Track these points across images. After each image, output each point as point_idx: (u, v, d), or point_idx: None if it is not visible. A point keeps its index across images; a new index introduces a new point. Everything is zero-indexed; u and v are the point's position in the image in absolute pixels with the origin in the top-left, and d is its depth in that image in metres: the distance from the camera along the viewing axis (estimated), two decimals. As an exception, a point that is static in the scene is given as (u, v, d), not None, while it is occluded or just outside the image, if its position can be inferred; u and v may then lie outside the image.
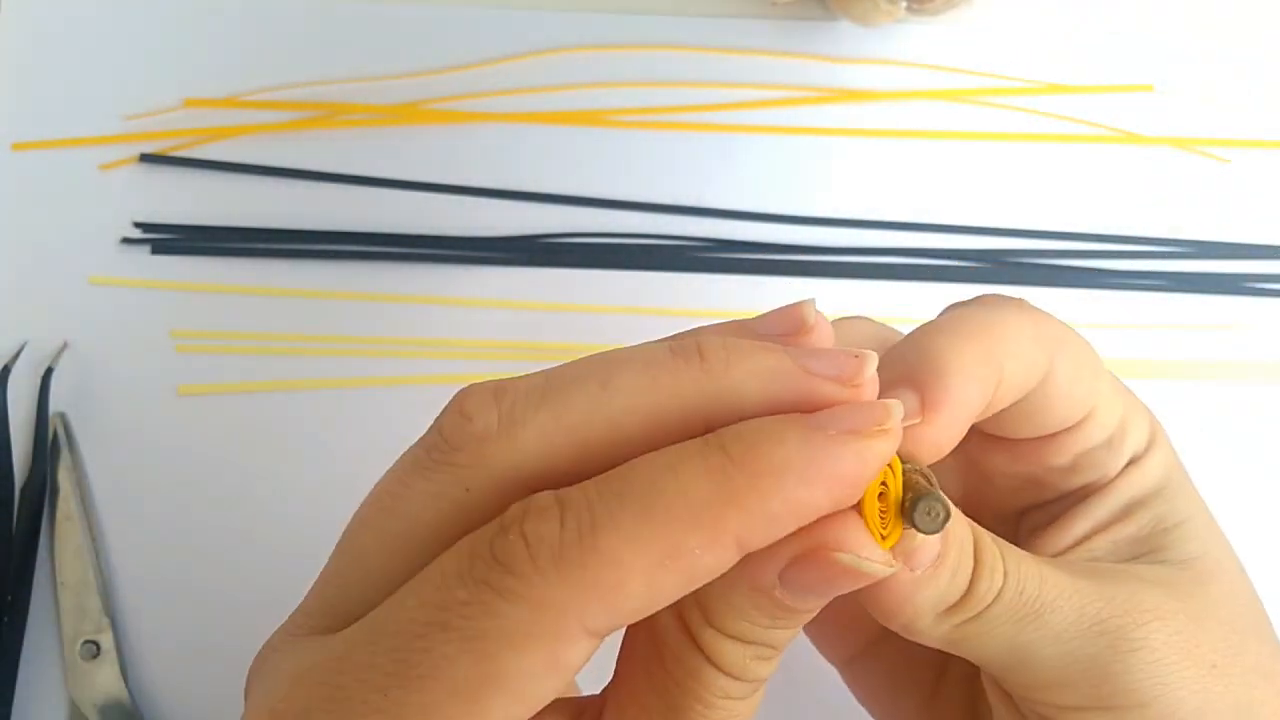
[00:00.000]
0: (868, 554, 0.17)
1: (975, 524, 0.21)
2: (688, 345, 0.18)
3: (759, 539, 0.16)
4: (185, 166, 0.38)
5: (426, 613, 0.17)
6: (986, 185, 0.39)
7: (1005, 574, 0.20)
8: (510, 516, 0.17)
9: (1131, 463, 0.23)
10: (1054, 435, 0.23)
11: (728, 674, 0.18)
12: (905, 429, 0.18)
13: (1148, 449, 0.23)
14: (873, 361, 0.18)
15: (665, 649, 0.19)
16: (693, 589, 0.17)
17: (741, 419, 0.17)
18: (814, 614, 0.18)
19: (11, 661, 0.33)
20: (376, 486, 0.19)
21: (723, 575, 0.17)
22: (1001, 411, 0.22)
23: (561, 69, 0.39)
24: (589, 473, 0.17)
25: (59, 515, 0.35)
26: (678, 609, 0.18)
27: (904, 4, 0.37)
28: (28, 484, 0.35)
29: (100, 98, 0.39)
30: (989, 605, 0.20)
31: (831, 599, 0.18)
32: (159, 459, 0.36)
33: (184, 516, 0.36)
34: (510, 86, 0.39)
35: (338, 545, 0.20)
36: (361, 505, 0.20)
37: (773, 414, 0.17)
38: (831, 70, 0.40)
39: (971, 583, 0.20)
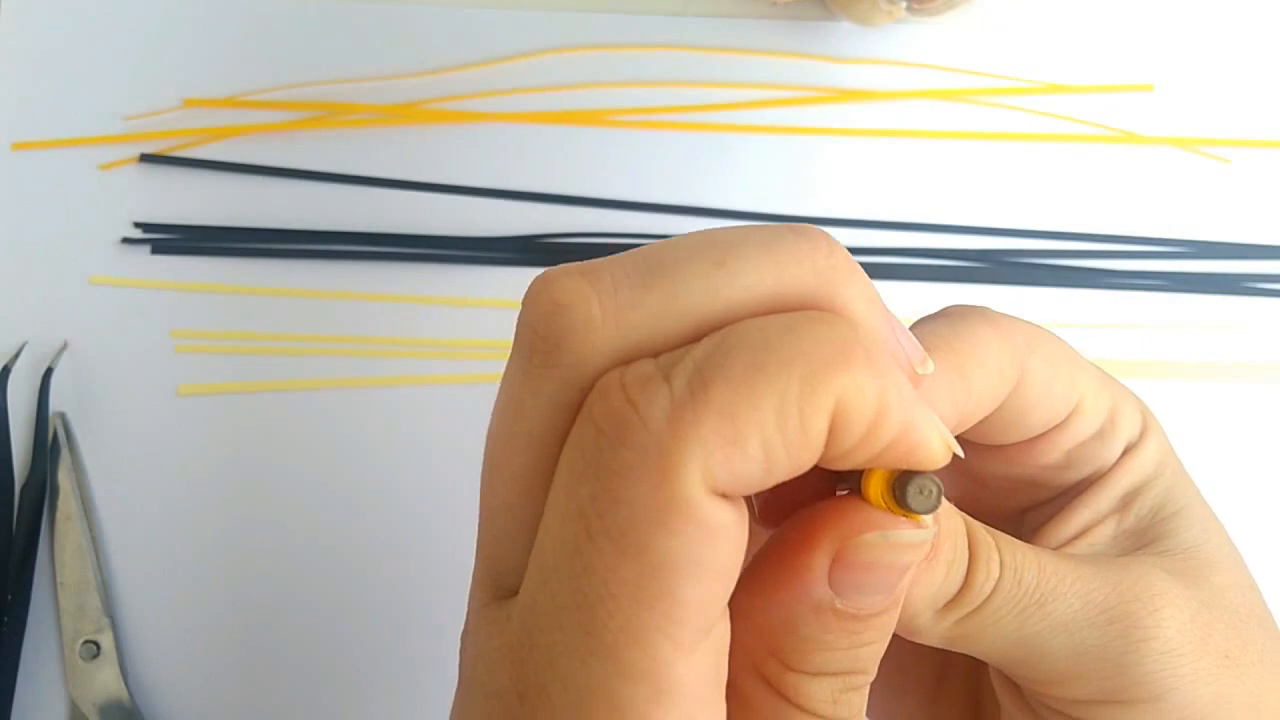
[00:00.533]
0: (893, 526, 0.17)
1: (968, 516, 0.20)
2: (815, 234, 0.17)
3: (844, 422, 0.16)
4: (185, 166, 0.38)
5: (568, 529, 0.16)
6: (986, 185, 0.39)
7: (1001, 564, 0.20)
8: (609, 384, 0.16)
9: (1127, 451, 0.23)
10: (1042, 435, 0.23)
11: (816, 715, 0.17)
12: None
13: (1141, 436, 0.23)
14: (931, 365, 0.18)
15: (754, 713, 0.18)
16: (796, 469, 0.16)
17: None
18: (886, 621, 0.18)
19: (11, 661, 0.33)
20: (491, 424, 0.18)
21: (782, 617, 0.17)
22: (983, 420, 0.21)
23: (561, 69, 0.39)
24: None
25: (59, 515, 0.35)
26: (756, 669, 0.17)
27: (904, 4, 0.37)
28: (28, 484, 0.35)
29: (100, 98, 0.39)
30: (988, 598, 0.20)
31: (896, 596, 0.18)
32: (159, 459, 0.36)
33: (184, 516, 0.36)
34: (510, 86, 0.39)
35: (481, 500, 0.18)
36: (486, 450, 0.18)
37: None
38: (831, 70, 0.40)
39: (968, 575, 0.19)
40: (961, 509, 0.23)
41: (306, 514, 0.36)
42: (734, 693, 0.18)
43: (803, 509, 0.18)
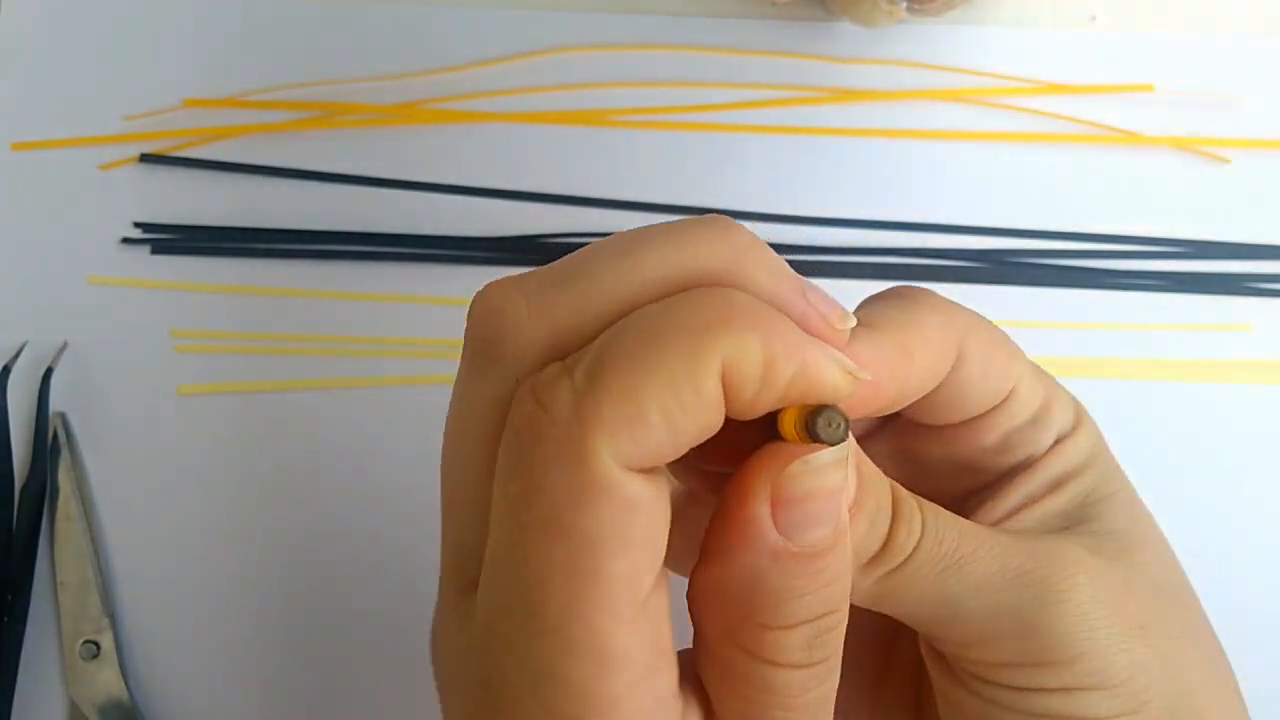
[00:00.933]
0: (814, 455, 0.18)
1: (894, 480, 0.21)
2: (716, 219, 0.19)
3: (736, 378, 0.17)
4: (185, 166, 0.38)
5: (506, 524, 0.17)
6: (986, 185, 0.39)
7: (924, 524, 0.21)
8: (522, 391, 0.17)
9: (1059, 440, 0.24)
10: (980, 417, 0.23)
11: (798, 666, 0.18)
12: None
13: (1074, 428, 0.24)
14: (852, 320, 0.20)
15: (737, 680, 0.19)
16: (703, 432, 0.17)
17: None
18: (841, 554, 0.18)
19: (11, 661, 0.33)
20: (447, 423, 0.19)
21: (747, 577, 0.18)
22: (924, 399, 0.22)
23: (561, 69, 0.39)
24: None
25: (59, 515, 0.35)
26: (732, 639, 0.18)
27: (904, 4, 0.37)
28: (28, 484, 0.35)
29: (100, 98, 0.39)
30: (909, 555, 0.20)
31: (840, 526, 0.18)
32: (159, 459, 0.36)
33: (184, 516, 0.36)
34: (510, 86, 0.39)
35: (441, 493, 0.20)
36: (443, 447, 0.19)
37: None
38: (831, 70, 0.40)
39: (890, 533, 0.20)
40: None
41: (307, 514, 0.36)
42: (714, 666, 0.19)
43: (738, 467, 0.19)
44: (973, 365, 0.22)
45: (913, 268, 0.38)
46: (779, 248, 0.38)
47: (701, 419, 0.17)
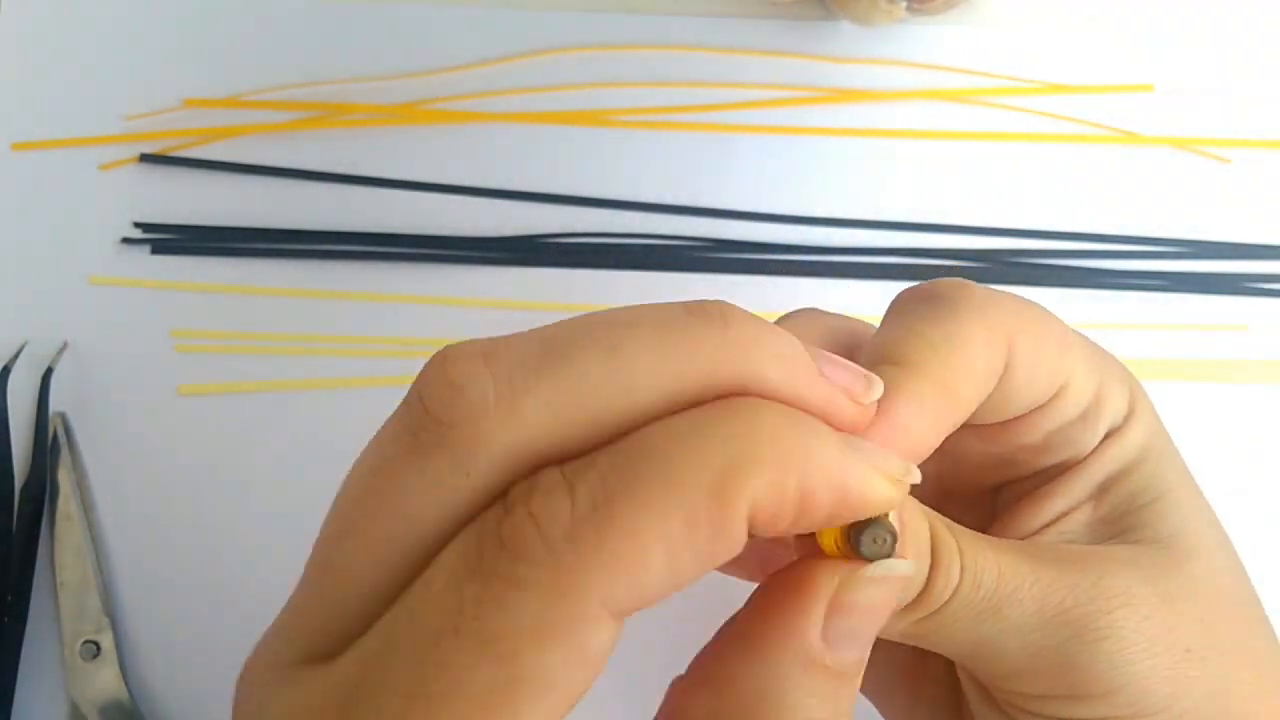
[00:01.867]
0: (873, 567, 0.17)
1: (932, 514, 0.20)
2: (710, 310, 0.16)
3: (767, 515, 0.16)
4: (185, 166, 0.38)
5: (436, 619, 0.15)
6: (986, 185, 0.39)
7: (962, 569, 0.20)
8: (515, 497, 0.15)
9: (1109, 435, 0.22)
10: (1023, 416, 0.22)
11: None
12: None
13: (1127, 419, 0.23)
14: (879, 387, 0.18)
15: None
16: (709, 569, 0.16)
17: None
18: (856, 682, 0.18)
19: (11, 661, 0.33)
20: (352, 484, 0.17)
21: (758, 693, 0.16)
22: None
23: (561, 69, 0.39)
24: (598, 446, 0.16)
25: (59, 515, 0.35)
26: None
27: (904, 4, 0.37)
28: (28, 484, 0.35)
29: (100, 98, 0.39)
30: (946, 603, 0.20)
31: (868, 650, 0.18)
32: (159, 459, 0.36)
33: (184, 516, 0.36)
34: (510, 86, 0.39)
35: (314, 558, 0.17)
36: (336, 508, 0.17)
37: (785, 404, 0.16)
38: (831, 70, 0.40)
39: (928, 581, 0.19)
40: (935, 483, 0.22)
41: (307, 514, 0.35)
42: None
43: (774, 579, 0.18)
44: (1020, 370, 0.21)
45: (912, 268, 0.38)
46: (779, 248, 0.38)
47: (716, 560, 0.15)
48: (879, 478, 0.16)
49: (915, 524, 0.19)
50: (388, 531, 0.16)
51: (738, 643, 0.17)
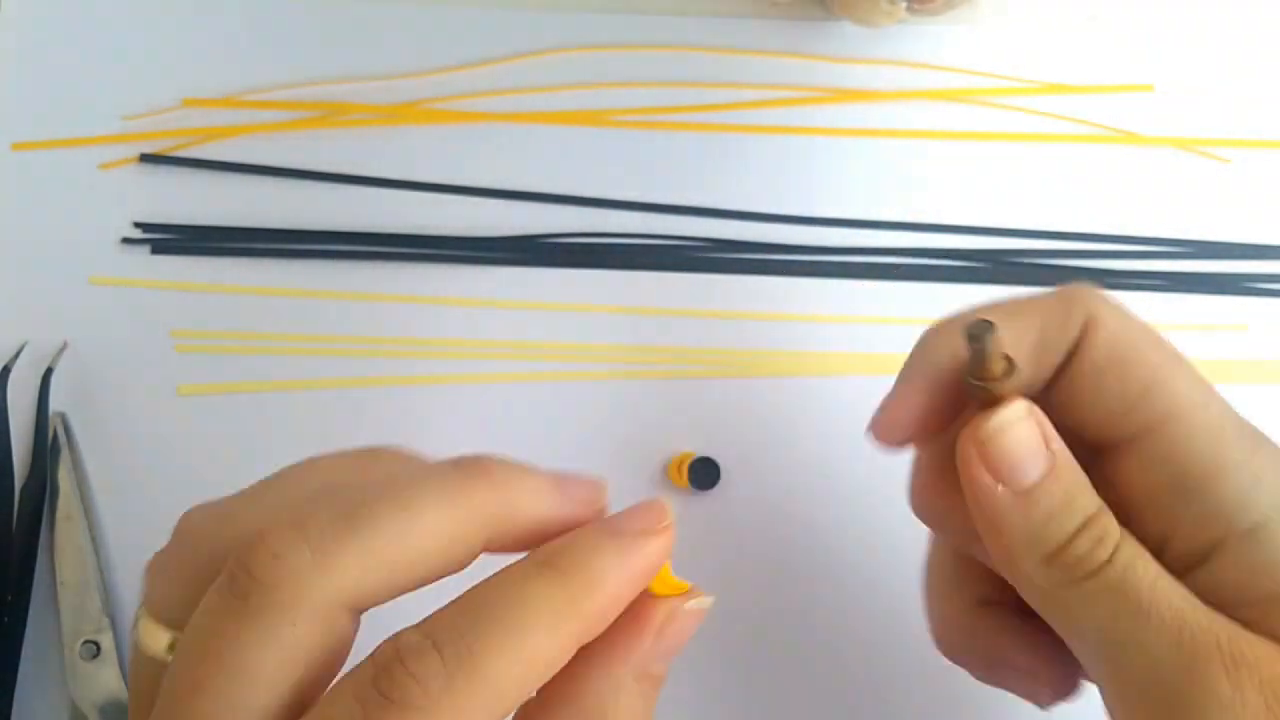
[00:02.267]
0: (685, 602, 0.21)
1: (1097, 495, 0.22)
2: (473, 467, 0.20)
3: (594, 632, 0.19)
4: (185, 166, 0.38)
5: None
6: (986, 185, 0.39)
7: (1117, 548, 0.21)
8: (386, 657, 0.18)
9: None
10: (1188, 493, 0.22)
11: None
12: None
13: None
14: (605, 490, 0.22)
15: None
16: (541, 683, 0.19)
17: (516, 529, 0.20)
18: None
19: (11, 661, 0.33)
20: (193, 649, 0.19)
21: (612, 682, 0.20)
22: (1062, 385, 0.23)
23: (561, 69, 0.39)
24: (400, 587, 0.19)
25: (59, 515, 0.35)
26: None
27: (904, 4, 0.37)
28: (28, 484, 0.35)
29: (100, 98, 0.39)
30: (1092, 573, 0.21)
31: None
32: (159, 459, 0.36)
33: (184, 516, 0.36)
34: (510, 86, 0.39)
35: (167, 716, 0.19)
36: (182, 671, 0.19)
37: (542, 524, 0.21)
38: (831, 70, 0.40)
39: (1074, 534, 0.21)
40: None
41: (306, 514, 0.36)
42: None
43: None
44: (1099, 339, 0.23)
45: (913, 268, 0.38)
46: (779, 248, 0.38)
47: (542, 681, 0.19)
48: (659, 539, 0.20)
49: (1070, 471, 0.22)
50: (237, 687, 0.18)
51: (586, 663, 0.20)
